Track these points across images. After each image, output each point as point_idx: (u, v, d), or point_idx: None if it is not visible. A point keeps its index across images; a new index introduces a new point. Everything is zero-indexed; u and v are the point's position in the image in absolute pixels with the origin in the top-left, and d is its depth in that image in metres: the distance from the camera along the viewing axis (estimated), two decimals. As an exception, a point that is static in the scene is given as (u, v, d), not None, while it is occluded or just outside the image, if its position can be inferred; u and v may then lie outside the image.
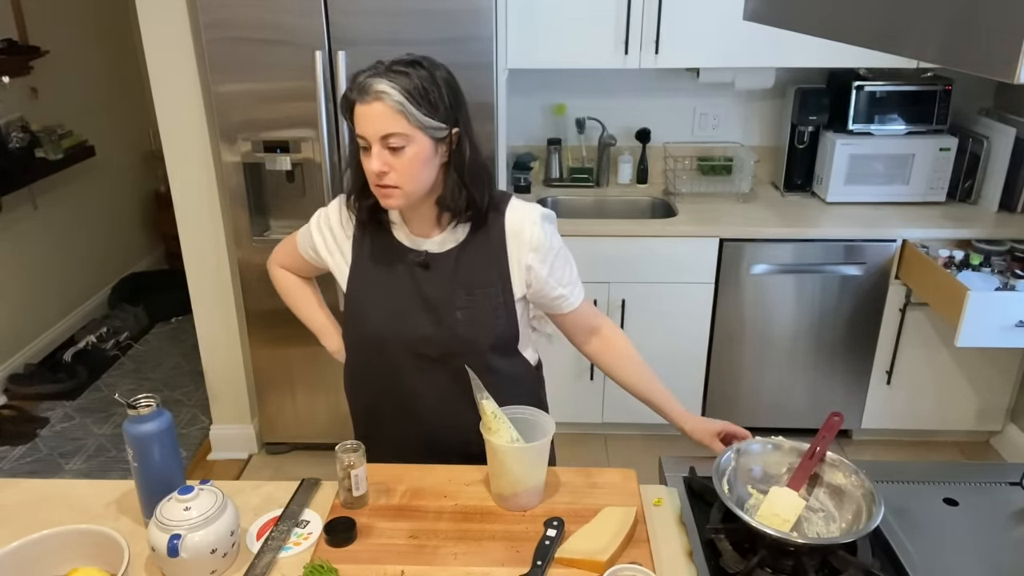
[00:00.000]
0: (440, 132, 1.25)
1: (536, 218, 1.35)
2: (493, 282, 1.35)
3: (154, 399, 1.24)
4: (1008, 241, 2.65)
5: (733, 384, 2.99)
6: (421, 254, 1.36)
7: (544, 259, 1.36)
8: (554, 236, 1.38)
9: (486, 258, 1.34)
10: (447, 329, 1.36)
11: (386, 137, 1.21)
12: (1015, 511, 1.34)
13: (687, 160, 3.25)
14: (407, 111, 1.20)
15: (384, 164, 1.23)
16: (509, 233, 1.34)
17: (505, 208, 1.35)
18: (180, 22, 2.51)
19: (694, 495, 1.36)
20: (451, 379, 1.38)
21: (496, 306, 1.36)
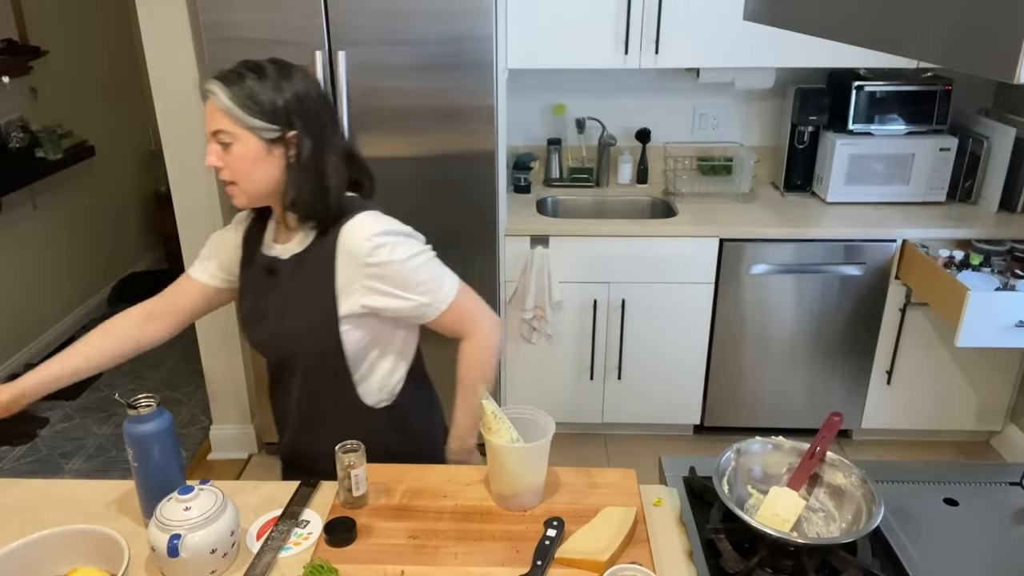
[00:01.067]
0: (269, 133, 1.24)
1: (370, 234, 1.29)
2: (317, 295, 1.32)
3: (154, 399, 1.24)
4: (1008, 241, 2.65)
5: (733, 384, 2.99)
6: (269, 259, 1.38)
7: (380, 275, 1.30)
8: (395, 249, 1.30)
9: (315, 270, 1.32)
10: (276, 337, 1.37)
11: (215, 133, 1.25)
12: (1015, 511, 1.34)
13: (687, 160, 3.25)
14: (230, 110, 1.23)
15: (218, 159, 1.26)
16: (340, 248, 1.30)
17: (346, 222, 1.30)
18: (180, 22, 2.51)
19: (694, 495, 1.36)
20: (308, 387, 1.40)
21: (318, 319, 1.32)
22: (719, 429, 3.15)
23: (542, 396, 3.03)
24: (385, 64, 2.46)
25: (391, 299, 1.32)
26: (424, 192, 2.62)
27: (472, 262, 2.72)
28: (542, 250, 2.77)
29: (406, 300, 1.32)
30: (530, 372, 2.99)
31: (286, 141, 1.27)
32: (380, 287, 1.31)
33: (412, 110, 2.51)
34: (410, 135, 2.54)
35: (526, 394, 3.03)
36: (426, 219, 2.66)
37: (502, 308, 2.84)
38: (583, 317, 2.90)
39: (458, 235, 2.67)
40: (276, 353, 1.43)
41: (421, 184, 2.61)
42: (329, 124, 1.32)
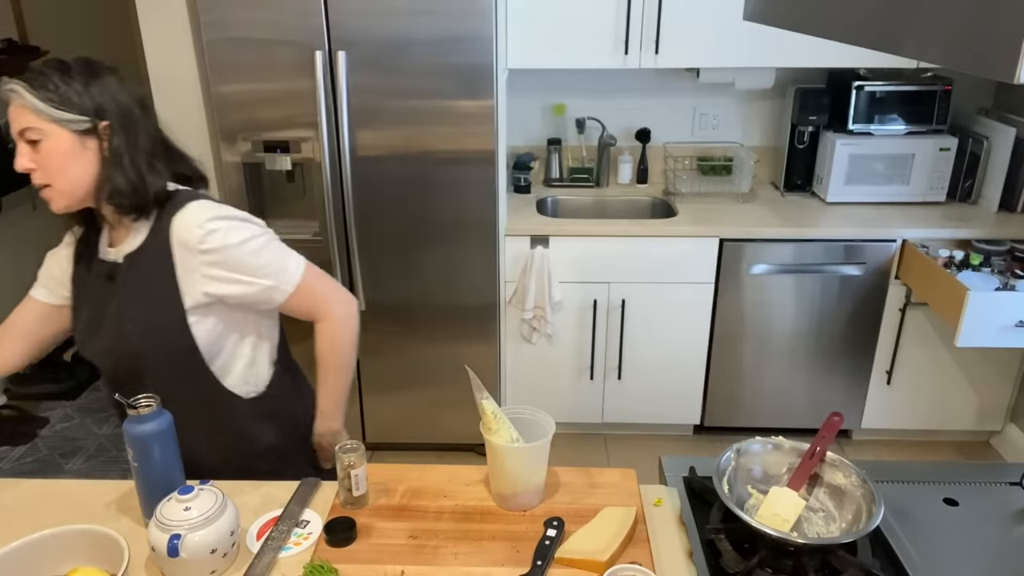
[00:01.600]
0: (78, 124, 1.22)
1: (201, 221, 1.26)
2: (159, 291, 1.29)
3: (154, 399, 1.24)
4: (1008, 241, 2.65)
5: (733, 384, 2.99)
6: (108, 265, 1.33)
7: (217, 261, 1.28)
8: (229, 234, 1.28)
9: (153, 265, 1.29)
10: (120, 342, 1.31)
11: (23, 132, 1.21)
12: (1015, 511, 1.34)
13: (687, 160, 3.25)
14: (35, 106, 1.19)
15: (30, 160, 1.22)
16: (174, 239, 1.27)
17: (177, 211, 1.28)
18: (180, 22, 2.51)
19: (694, 495, 1.36)
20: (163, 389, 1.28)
21: (164, 316, 1.29)
22: (719, 429, 3.15)
23: (542, 396, 3.03)
24: (385, 64, 2.46)
25: (233, 285, 1.30)
26: (424, 192, 2.62)
27: (472, 262, 2.72)
28: (542, 250, 2.77)
29: (249, 284, 1.30)
30: (530, 372, 2.99)
31: (99, 133, 1.24)
32: (220, 273, 1.28)
33: (412, 110, 2.51)
34: (410, 135, 2.55)
35: (526, 394, 3.03)
36: (426, 219, 2.67)
37: (502, 308, 2.84)
38: (583, 317, 2.90)
39: (458, 235, 2.68)
40: (121, 360, 1.33)
41: (421, 184, 2.61)
42: (141, 116, 1.29)
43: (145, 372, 1.33)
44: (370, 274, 2.73)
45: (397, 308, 2.78)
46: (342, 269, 2.70)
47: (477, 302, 2.77)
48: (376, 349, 2.85)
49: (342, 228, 2.65)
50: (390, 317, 2.79)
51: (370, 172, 2.59)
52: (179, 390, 1.34)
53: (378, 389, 2.91)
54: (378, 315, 2.78)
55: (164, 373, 1.33)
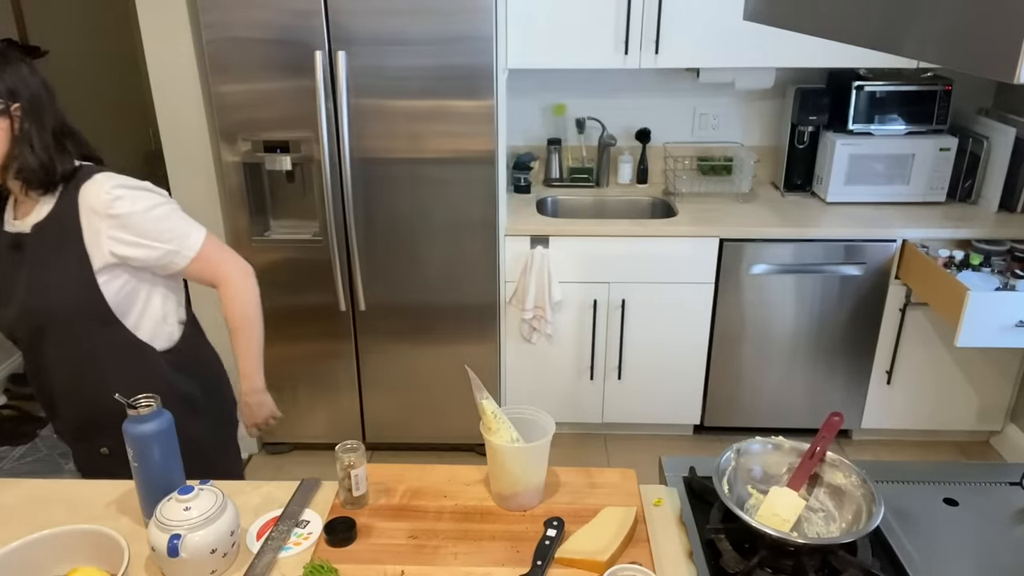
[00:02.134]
0: None
1: (108, 187, 1.37)
2: (68, 255, 1.37)
3: (154, 399, 1.24)
4: (1008, 241, 2.65)
5: (733, 384, 2.99)
6: (12, 236, 1.40)
7: (123, 225, 1.38)
8: (135, 201, 1.39)
9: (61, 232, 1.37)
10: (32, 306, 1.39)
11: None
12: (1015, 511, 1.34)
13: (687, 160, 3.25)
14: None
15: None
16: (83, 206, 1.37)
17: (83, 184, 1.38)
18: (180, 22, 2.51)
19: (694, 495, 1.36)
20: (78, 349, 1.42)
21: (72, 277, 1.38)
22: (719, 429, 3.15)
23: (542, 396, 3.03)
24: (385, 64, 2.46)
25: (137, 248, 1.39)
26: (424, 192, 2.62)
27: (472, 262, 2.72)
28: (542, 250, 2.77)
29: (152, 248, 1.40)
30: (530, 372, 2.99)
31: (10, 114, 1.32)
32: (125, 236, 1.38)
33: (412, 110, 2.51)
34: (410, 135, 2.55)
35: (526, 394, 3.03)
36: (426, 219, 2.67)
37: (502, 308, 2.85)
38: (583, 317, 2.90)
39: (458, 235, 2.68)
40: (34, 324, 1.41)
41: (421, 184, 2.61)
42: (48, 100, 1.38)
43: (58, 336, 1.41)
44: (370, 274, 2.73)
45: (397, 308, 2.78)
46: (342, 269, 2.70)
47: (477, 302, 2.77)
48: (376, 349, 2.85)
49: (342, 228, 2.65)
50: (390, 317, 2.79)
51: (370, 172, 2.59)
52: (96, 349, 1.43)
53: (378, 389, 2.91)
54: (378, 315, 2.78)
55: (78, 333, 1.41)
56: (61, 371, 1.46)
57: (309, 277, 2.71)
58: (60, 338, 1.42)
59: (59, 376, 1.47)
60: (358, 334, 2.82)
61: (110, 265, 1.39)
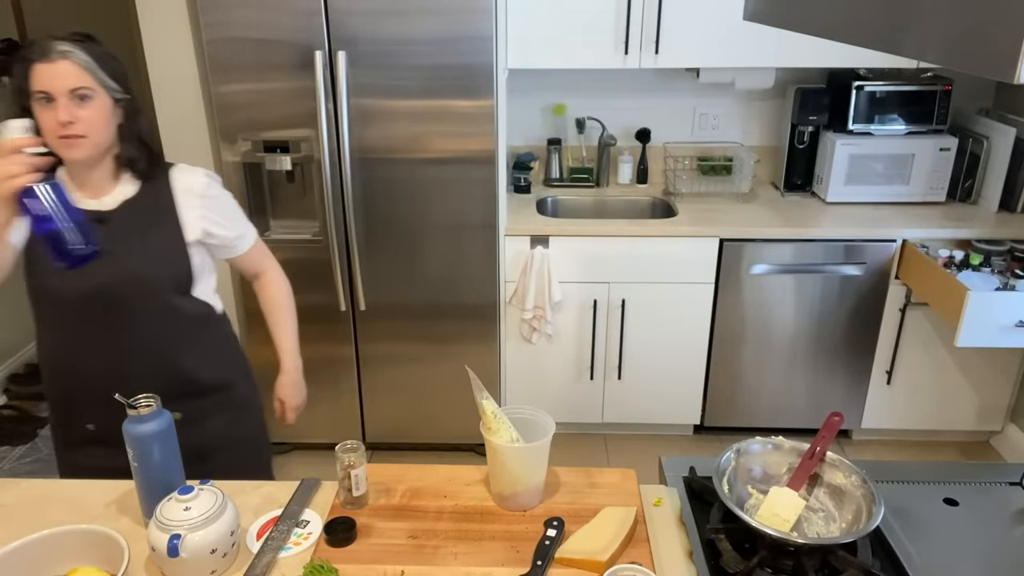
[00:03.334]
0: (117, 93, 1.42)
1: (201, 175, 1.56)
2: (165, 227, 1.50)
3: (154, 399, 1.24)
4: (1008, 241, 2.65)
5: (733, 384, 2.99)
6: (92, 212, 1.45)
7: (213, 207, 1.55)
8: (221, 188, 1.59)
9: (155, 208, 1.50)
10: (127, 271, 1.47)
11: (75, 90, 1.35)
12: (1015, 511, 1.34)
13: (687, 160, 3.25)
14: (92, 69, 1.37)
15: (71, 115, 1.35)
16: (179, 187, 1.52)
17: (171, 169, 1.54)
18: (180, 22, 2.51)
19: (694, 495, 1.36)
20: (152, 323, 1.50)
21: (170, 247, 1.51)
22: (719, 429, 3.15)
23: (542, 396, 3.03)
24: (385, 64, 2.46)
25: (220, 228, 1.57)
26: (424, 192, 2.62)
27: (472, 262, 2.72)
28: (542, 250, 2.77)
29: (229, 231, 1.59)
30: (530, 372, 2.99)
31: (122, 104, 1.44)
32: (213, 217, 1.55)
33: (412, 110, 2.52)
34: (410, 135, 2.55)
35: (526, 394, 3.03)
36: (426, 219, 2.67)
37: (502, 308, 2.84)
38: (583, 317, 2.90)
39: (458, 235, 2.68)
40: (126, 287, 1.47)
41: (421, 184, 2.61)
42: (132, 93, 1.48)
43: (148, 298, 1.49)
44: (370, 274, 2.73)
45: (397, 308, 2.78)
46: (342, 269, 2.70)
47: (477, 302, 2.77)
48: (376, 349, 2.85)
49: (342, 228, 2.65)
50: (390, 317, 2.79)
51: (370, 172, 2.59)
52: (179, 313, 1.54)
53: (378, 389, 2.91)
54: (378, 315, 2.78)
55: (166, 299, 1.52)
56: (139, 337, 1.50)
57: (309, 277, 2.71)
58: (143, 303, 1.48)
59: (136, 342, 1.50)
60: (358, 334, 2.82)
61: (196, 241, 1.53)
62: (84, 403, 1.55)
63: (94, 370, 1.51)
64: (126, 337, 1.50)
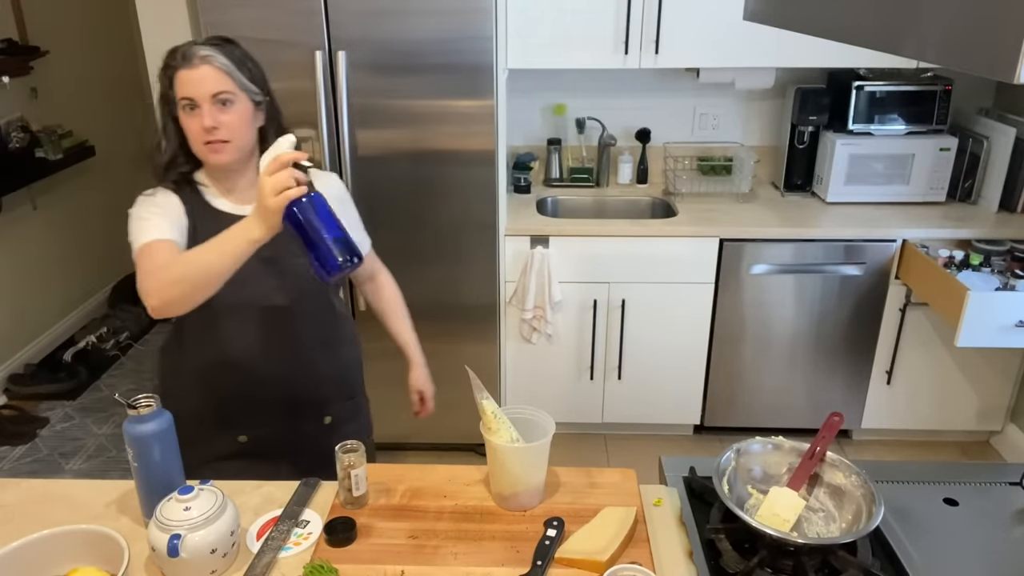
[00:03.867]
0: (257, 96, 1.43)
1: (336, 180, 1.61)
2: None
3: (154, 399, 1.24)
4: (1008, 241, 2.65)
5: (733, 384, 2.99)
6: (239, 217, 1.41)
7: (346, 211, 1.56)
8: (348, 195, 1.64)
9: None
10: (293, 277, 1.48)
11: (217, 95, 1.36)
12: (1015, 511, 1.34)
13: (687, 160, 3.25)
14: (232, 73, 1.38)
15: (214, 120, 1.36)
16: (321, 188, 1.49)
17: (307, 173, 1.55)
18: (180, 22, 2.51)
19: (694, 495, 1.36)
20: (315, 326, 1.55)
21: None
22: (719, 429, 3.15)
23: (542, 396, 3.03)
24: (385, 64, 2.46)
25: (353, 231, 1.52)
26: (424, 192, 2.62)
27: (472, 262, 2.72)
28: (542, 250, 2.77)
29: (357, 232, 1.62)
30: (530, 372, 2.99)
31: (263, 106, 1.45)
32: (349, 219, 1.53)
33: (412, 110, 2.52)
34: (410, 135, 2.55)
35: (526, 394, 3.03)
36: (426, 219, 2.67)
37: (502, 308, 2.84)
38: (583, 317, 2.90)
39: (458, 235, 2.68)
40: (295, 292, 1.49)
41: (421, 184, 2.61)
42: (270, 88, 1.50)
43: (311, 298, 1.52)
44: (370, 274, 2.73)
45: (397, 308, 2.78)
46: (342, 269, 2.69)
47: (477, 302, 2.77)
48: (376, 349, 2.85)
49: (342, 228, 2.65)
50: (390, 317, 2.79)
51: (370, 172, 2.59)
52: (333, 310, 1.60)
53: (378, 389, 2.90)
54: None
55: (327, 297, 1.57)
56: (303, 340, 1.52)
57: (309, 277, 2.71)
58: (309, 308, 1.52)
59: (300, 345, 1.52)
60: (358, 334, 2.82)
61: None
62: (239, 415, 1.52)
63: (257, 379, 1.50)
64: (290, 341, 1.51)
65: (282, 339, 1.50)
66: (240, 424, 1.54)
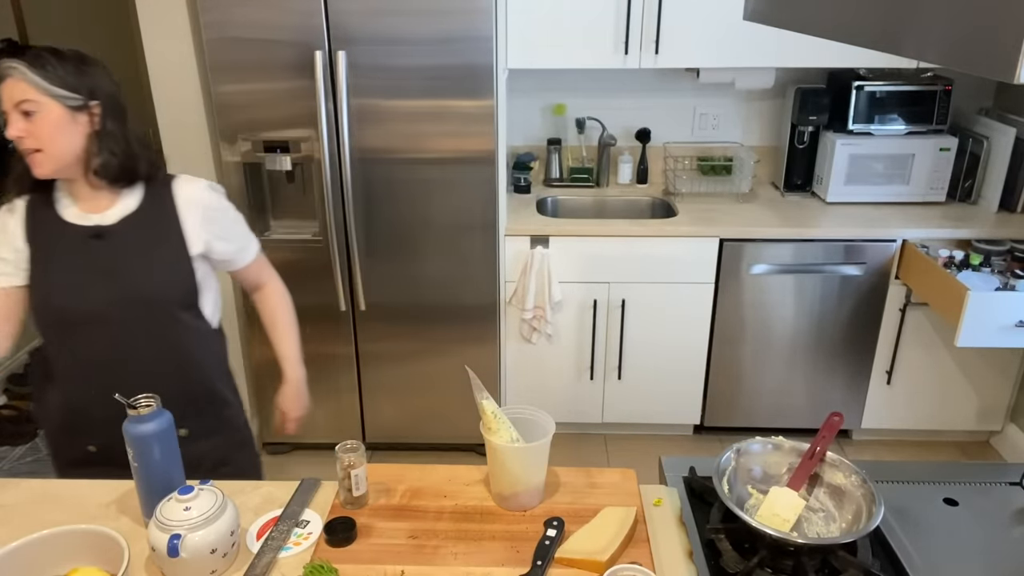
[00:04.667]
0: (72, 101, 1.37)
1: (205, 186, 1.54)
2: (169, 241, 1.48)
3: (154, 399, 1.24)
4: (1008, 241, 2.65)
5: (733, 384, 2.99)
6: (91, 228, 1.44)
7: (216, 220, 1.53)
8: (224, 200, 1.57)
9: (158, 222, 1.48)
10: (133, 289, 1.45)
11: (18, 104, 1.34)
12: (1015, 511, 1.34)
13: (687, 160, 3.25)
14: (34, 81, 1.34)
15: (20, 130, 1.35)
16: (181, 200, 1.50)
17: (173, 181, 1.52)
18: (180, 22, 2.51)
19: (694, 495, 1.36)
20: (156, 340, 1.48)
21: (174, 262, 1.48)
22: (719, 429, 3.15)
23: (542, 396, 3.03)
24: (385, 64, 2.46)
25: (224, 242, 1.55)
26: (424, 192, 2.62)
27: (472, 262, 2.72)
28: (542, 250, 2.77)
29: (231, 243, 1.57)
30: (530, 372, 2.99)
31: (89, 111, 1.39)
32: (216, 230, 1.53)
33: (412, 110, 2.52)
34: (410, 135, 2.55)
35: (526, 394, 3.03)
36: (426, 219, 2.67)
37: (502, 308, 2.84)
38: (583, 317, 2.90)
39: (458, 235, 2.68)
40: (125, 309, 1.44)
41: (421, 184, 2.61)
42: (126, 107, 1.47)
43: (151, 314, 1.47)
44: (370, 274, 2.73)
45: (397, 308, 2.78)
46: (342, 269, 2.70)
47: (477, 302, 2.77)
48: (376, 349, 2.85)
49: (342, 228, 2.65)
50: (390, 317, 2.79)
51: (370, 172, 2.59)
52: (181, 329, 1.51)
53: (378, 389, 2.91)
54: (378, 315, 2.78)
55: (170, 314, 1.49)
56: (143, 354, 1.48)
57: (309, 277, 2.71)
58: (147, 321, 1.46)
59: (140, 360, 1.49)
60: (358, 334, 2.82)
61: (199, 254, 1.51)
62: (87, 424, 1.52)
63: (99, 391, 1.46)
64: (131, 356, 1.47)
65: (121, 352, 1.47)
66: (89, 433, 1.52)
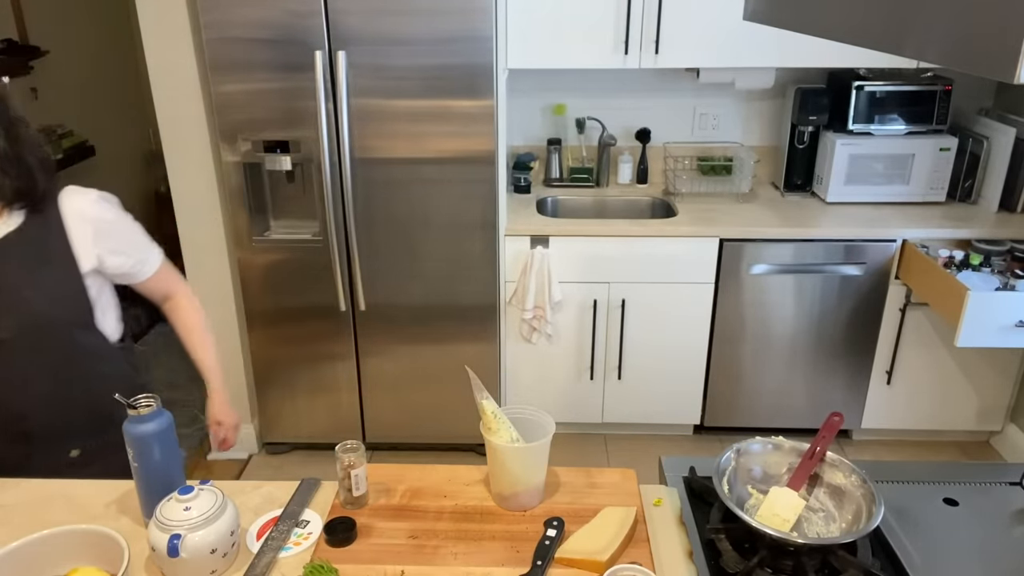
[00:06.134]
0: None
1: (94, 198, 1.44)
2: (57, 260, 1.40)
3: (154, 399, 1.24)
4: (1008, 241, 2.65)
5: (733, 384, 2.99)
6: None
7: (108, 232, 1.44)
8: (117, 211, 1.48)
9: (44, 240, 1.39)
10: (21, 311, 1.38)
11: None
12: (1015, 511, 1.34)
13: (687, 160, 3.25)
14: None
15: None
16: (69, 214, 1.40)
17: (59, 194, 1.42)
18: (180, 22, 2.51)
19: (694, 495, 1.36)
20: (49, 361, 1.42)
21: (62, 281, 1.41)
22: (719, 429, 3.15)
23: (542, 396, 3.03)
24: (385, 64, 2.46)
25: (118, 256, 1.46)
26: (424, 192, 2.62)
27: (472, 262, 2.72)
28: (542, 250, 2.77)
29: (128, 256, 1.49)
30: (530, 372, 2.99)
31: None
32: (108, 243, 1.44)
33: (412, 110, 2.52)
34: (410, 135, 2.55)
35: (526, 394, 3.03)
36: (426, 219, 2.67)
37: (502, 308, 2.84)
38: (583, 317, 2.90)
39: (458, 235, 2.68)
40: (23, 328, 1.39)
41: (421, 184, 2.61)
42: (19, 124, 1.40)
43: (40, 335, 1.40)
44: (370, 274, 2.73)
45: (397, 308, 2.78)
46: (342, 269, 2.70)
47: (477, 302, 2.77)
48: (376, 349, 2.85)
49: (342, 228, 2.66)
50: (390, 317, 2.79)
51: (370, 172, 2.59)
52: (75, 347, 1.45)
53: (378, 389, 2.91)
54: (378, 315, 2.78)
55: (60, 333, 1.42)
56: (35, 376, 1.42)
57: (309, 277, 2.71)
58: (38, 342, 1.40)
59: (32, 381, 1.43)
60: (358, 334, 2.82)
61: (92, 270, 1.43)
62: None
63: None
64: (28, 379, 1.42)
65: (18, 376, 1.40)
66: None
